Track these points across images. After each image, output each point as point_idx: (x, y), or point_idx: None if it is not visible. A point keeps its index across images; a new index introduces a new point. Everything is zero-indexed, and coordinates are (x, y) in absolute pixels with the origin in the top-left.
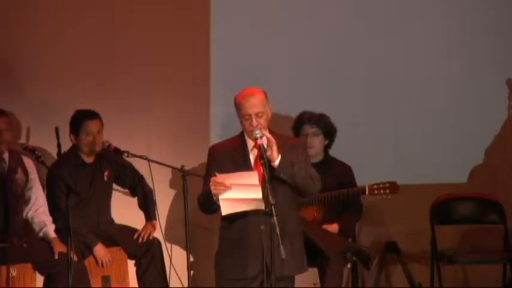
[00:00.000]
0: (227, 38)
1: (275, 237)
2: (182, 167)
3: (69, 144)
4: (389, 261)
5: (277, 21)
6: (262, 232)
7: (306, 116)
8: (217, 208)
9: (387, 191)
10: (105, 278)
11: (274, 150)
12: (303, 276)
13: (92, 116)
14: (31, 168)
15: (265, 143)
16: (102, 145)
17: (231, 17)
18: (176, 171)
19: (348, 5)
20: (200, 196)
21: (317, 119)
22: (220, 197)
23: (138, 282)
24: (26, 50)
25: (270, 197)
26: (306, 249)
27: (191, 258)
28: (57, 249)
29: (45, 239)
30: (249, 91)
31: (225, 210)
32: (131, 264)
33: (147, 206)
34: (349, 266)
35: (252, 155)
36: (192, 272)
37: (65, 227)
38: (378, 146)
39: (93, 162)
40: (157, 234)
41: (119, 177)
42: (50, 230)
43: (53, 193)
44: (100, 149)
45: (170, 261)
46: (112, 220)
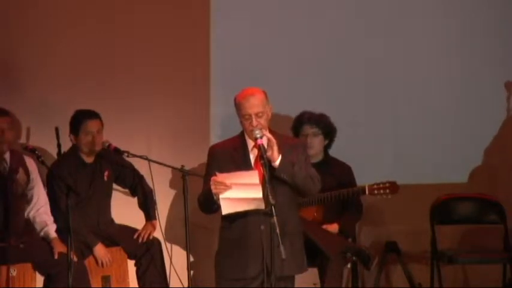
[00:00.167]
0: (227, 38)
1: (275, 237)
2: (182, 167)
3: (69, 144)
4: (389, 261)
5: (277, 21)
6: (262, 232)
7: (305, 116)
8: (218, 208)
9: (387, 191)
10: (105, 278)
11: (275, 151)
12: (303, 276)
13: (92, 116)
14: (33, 168)
15: (266, 143)
16: (102, 145)
17: (231, 17)
18: (176, 171)
19: (348, 5)
20: (200, 196)
21: (317, 119)
22: (221, 196)
23: (138, 282)
24: (26, 50)
25: (270, 197)
26: (306, 249)
27: (191, 258)
28: (57, 249)
29: (46, 238)
30: (249, 91)
31: (226, 209)
32: (131, 264)
33: (147, 206)
34: (349, 266)
35: (252, 155)
36: (192, 272)
37: (65, 227)
38: (378, 146)
39: (93, 162)
40: (157, 234)
41: (119, 177)
42: (51, 229)
43: (53, 193)
44: (100, 149)
45: (170, 261)
46: (112, 220)
